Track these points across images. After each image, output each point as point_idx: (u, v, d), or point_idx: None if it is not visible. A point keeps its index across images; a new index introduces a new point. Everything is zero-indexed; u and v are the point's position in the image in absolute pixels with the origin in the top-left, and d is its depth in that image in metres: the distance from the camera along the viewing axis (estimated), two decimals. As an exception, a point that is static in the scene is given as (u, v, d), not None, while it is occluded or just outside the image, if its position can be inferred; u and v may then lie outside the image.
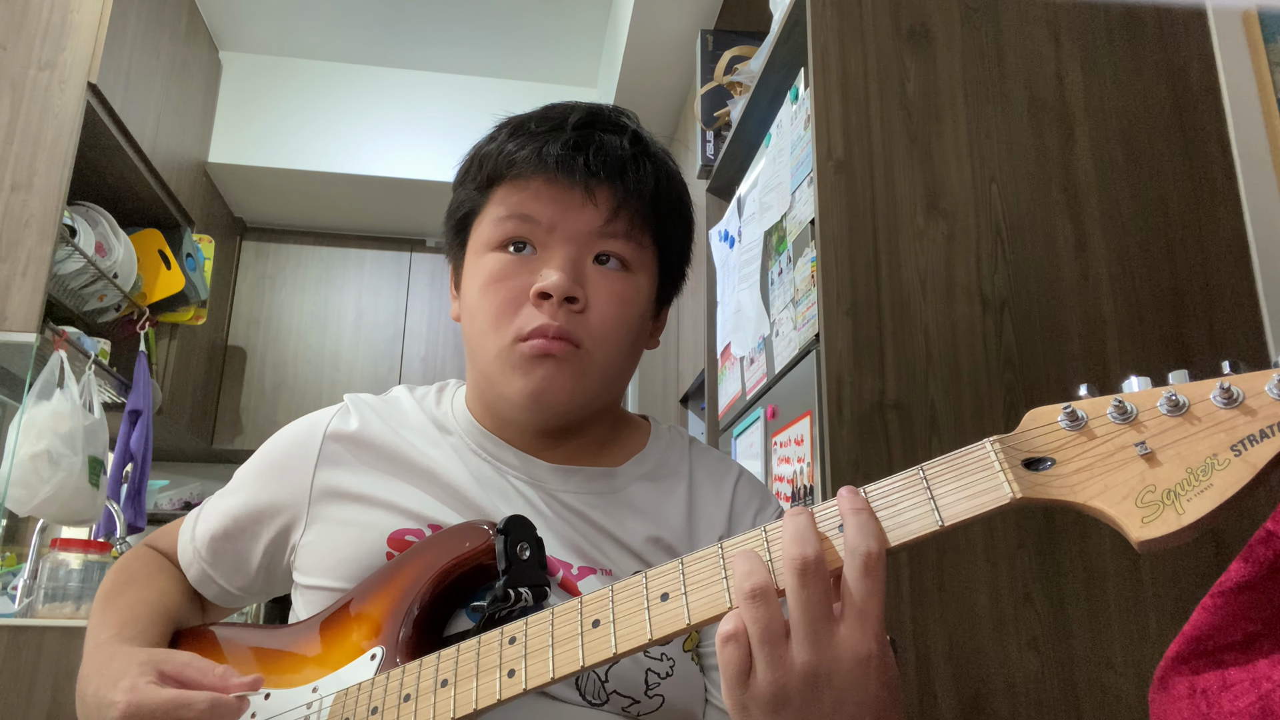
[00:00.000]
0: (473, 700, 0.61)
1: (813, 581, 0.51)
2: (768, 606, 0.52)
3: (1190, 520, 0.44)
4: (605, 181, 0.77)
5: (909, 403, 1.34)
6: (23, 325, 2.11)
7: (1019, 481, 0.49)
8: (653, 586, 0.57)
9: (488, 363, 0.79)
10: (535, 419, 0.80)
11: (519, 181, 0.78)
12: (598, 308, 0.77)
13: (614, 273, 0.78)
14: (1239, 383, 0.46)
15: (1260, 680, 0.51)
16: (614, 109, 0.83)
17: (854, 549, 0.51)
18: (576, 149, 0.77)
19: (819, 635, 0.51)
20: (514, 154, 0.78)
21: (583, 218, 0.77)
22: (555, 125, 0.79)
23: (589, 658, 0.57)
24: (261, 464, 0.87)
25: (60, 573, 1.90)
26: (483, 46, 3.44)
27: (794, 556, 0.51)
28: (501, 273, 0.78)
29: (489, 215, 0.80)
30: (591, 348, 0.77)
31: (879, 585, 0.51)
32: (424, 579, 0.71)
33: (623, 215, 0.78)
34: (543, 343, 0.75)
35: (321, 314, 3.74)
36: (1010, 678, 1.25)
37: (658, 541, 0.79)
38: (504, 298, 0.77)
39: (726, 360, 1.98)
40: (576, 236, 0.77)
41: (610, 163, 0.77)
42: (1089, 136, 1.49)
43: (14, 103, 2.26)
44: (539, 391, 0.76)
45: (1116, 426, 0.49)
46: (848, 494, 0.53)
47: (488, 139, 0.83)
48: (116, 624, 0.79)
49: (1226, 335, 1.42)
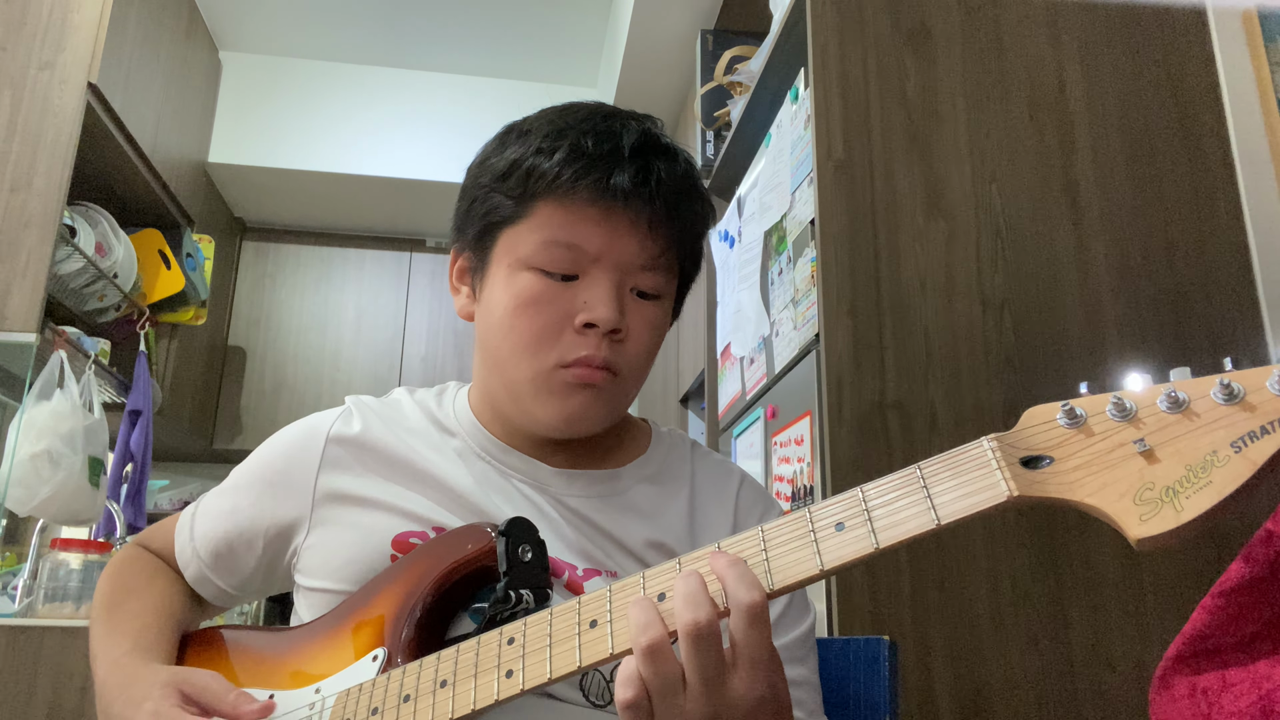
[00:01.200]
0: (471, 701, 0.61)
1: (705, 645, 0.53)
2: (664, 661, 0.53)
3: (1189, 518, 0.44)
4: (664, 219, 0.77)
5: (909, 403, 1.34)
6: (23, 325, 2.11)
7: (1016, 480, 0.49)
8: (650, 586, 0.57)
9: (518, 382, 0.78)
10: (559, 437, 0.80)
11: (571, 205, 0.75)
12: (635, 336, 0.78)
13: (648, 301, 0.79)
14: (1239, 379, 0.46)
15: (1261, 680, 0.51)
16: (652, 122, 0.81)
17: (737, 602, 0.53)
18: (642, 182, 0.75)
19: (712, 689, 0.53)
20: (573, 178, 0.74)
21: (630, 249, 0.76)
22: (613, 149, 0.75)
23: (586, 658, 0.57)
24: (263, 467, 0.86)
25: (60, 573, 1.90)
26: (483, 46, 3.44)
27: (687, 622, 0.53)
28: (543, 296, 0.76)
29: (531, 233, 0.76)
30: (627, 375, 0.78)
31: (765, 632, 0.53)
32: (426, 581, 0.71)
33: (672, 252, 0.79)
34: (586, 372, 0.75)
35: (321, 314, 3.74)
36: (1010, 677, 1.25)
37: (660, 546, 0.79)
38: (545, 323, 0.76)
39: (726, 360, 1.98)
40: (621, 266, 0.76)
41: (669, 198, 0.77)
42: (1089, 136, 1.49)
43: (14, 103, 2.26)
44: (575, 418, 0.77)
45: (1115, 424, 0.48)
46: (716, 554, 0.55)
47: (530, 148, 0.77)
48: (131, 636, 0.79)
49: (1226, 335, 1.42)
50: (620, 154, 0.75)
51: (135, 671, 0.75)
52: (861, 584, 1.27)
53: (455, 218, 0.85)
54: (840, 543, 0.53)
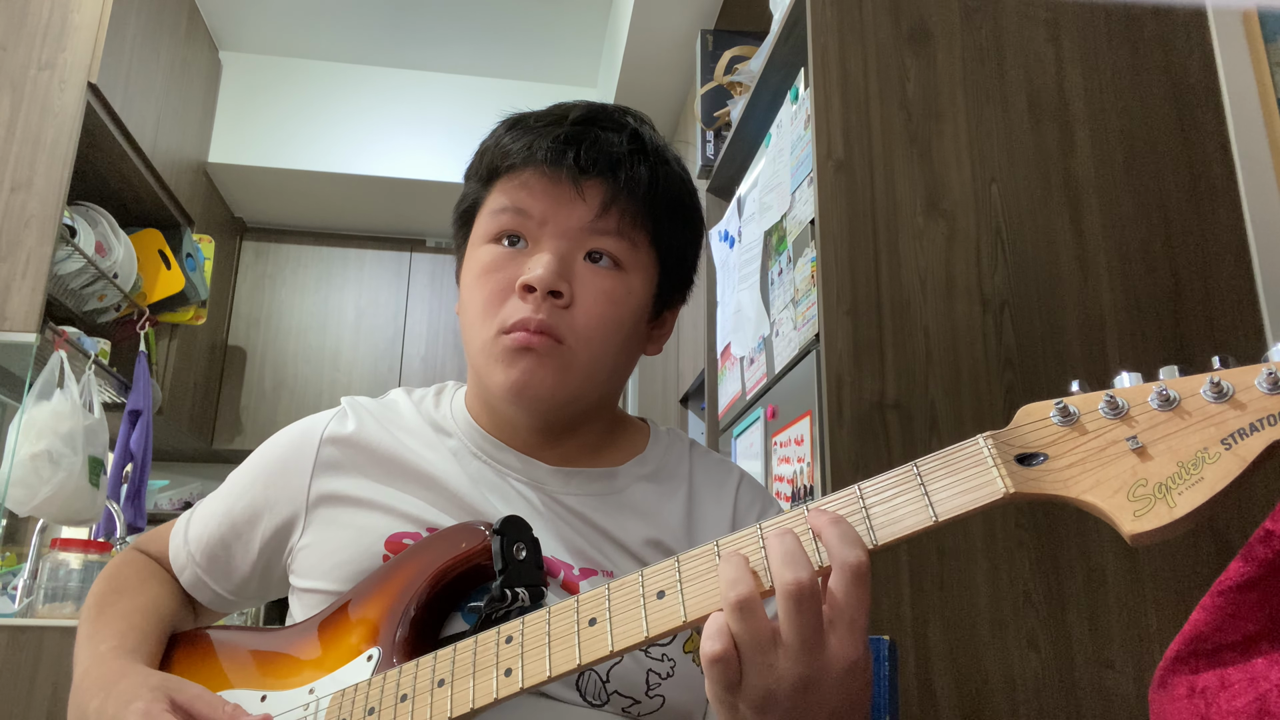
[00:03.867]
0: (469, 699, 0.61)
1: (807, 606, 0.51)
2: (754, 618, 0.52)
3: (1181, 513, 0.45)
4: (596, 177, 0.77)
5: (909, 403, 1.34)
6: (23, 325, 2.11)
7: (1012, 477, 0.50)
8: (649, 584, 0.57)
9: (475, 354, 0.79)
10: (521, 414, 0.80)
11: (514, 174, 0.79)
12: (584, 304, 0.76)
13: (604, 271, 0.78)
14: (1229, 377, 0.46)
15: (1258, 680, 0.50)
16: (621, 108, 0.83)
17: (842, 561, 0.51)
18: (568, 143, 0.77)
19: (812, 651, 0.51)
20: (509, 147, 0.79)
21: (574, 213, 0.77)
22: (553, 120, 0.79)
23: (586, 656, 0.57)
24: (257, 468, 0.86)
25: (60, 573, 1.90)
26: (483, 46, 3.44)
27: (788, 582, 0.51)
28: (493, 264, 0.78)
29: (487, 208, 0.81)
30: (575, 344, 0.76)
31: (867, 594, 0.52)
32: (420, 580, 0.71)
33: (613, 212, 0.77)
34: (524, 335, 0.75)
35: (321, 314, 3.74)
36: (1010, 677, 1.25)
37: (657, 545, 0.79)
38: (492, 289, 0.77)
39: (726, 360, 1.97)
40: (568, 232, 0.77)
41: (602, 159, 0.77)
42: (1089, 136, 1.48)
43: (14, 103, 2.26)
44: (519, 384, 0.75)
45: (1108, 421, 0.49)
46: (817, 511, 0.54)
47: (490, 134, 0.84)
48: (116, 634, 0.78)
49: (1226, 335, 1.42)
50: (560, 124, 0.78)
51: (120, 669, 0.74)
52: (861, 584, 1.27)
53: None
54: None
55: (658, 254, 0.82)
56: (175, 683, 0.72)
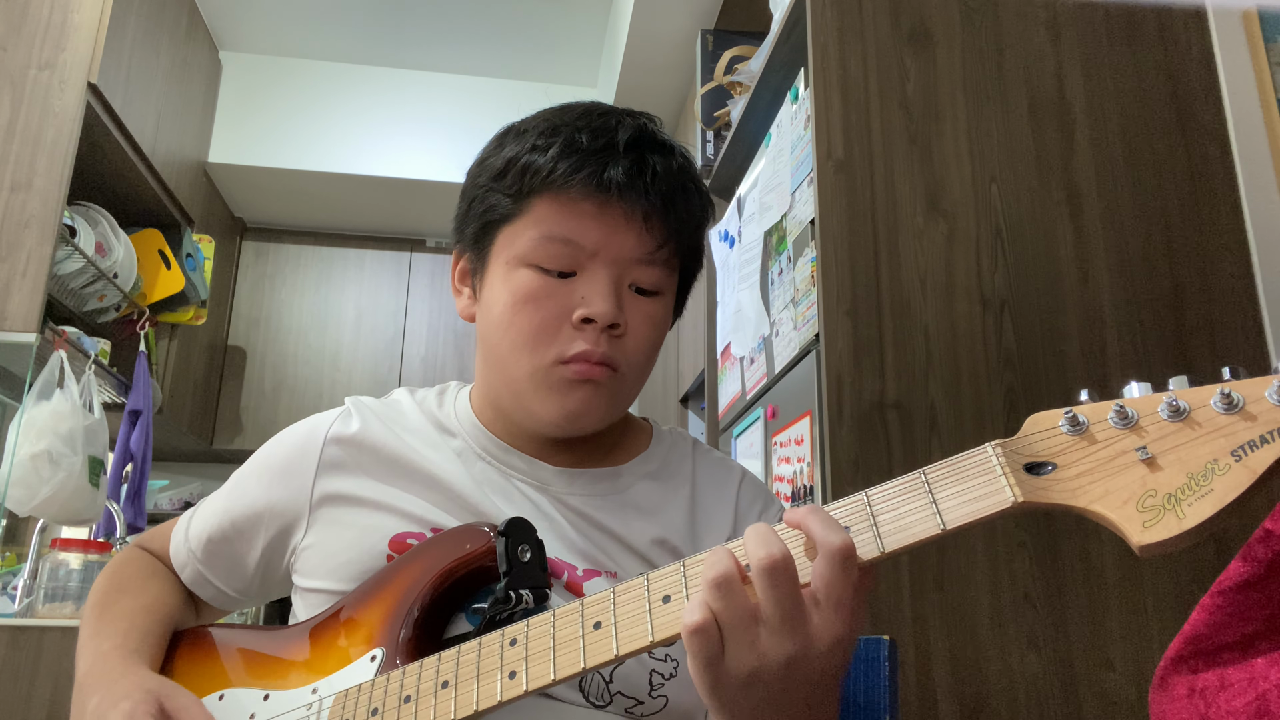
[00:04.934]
0: (473, 702, 0.61)
1: (782, 580, 0.52)
2: (734, 595, 0.53)
3: (1191, 525, 0.45)
4: (660, 212, 0.77)
5: (909, 403, 1.34)
6: (23, 325, 2.11)
7: (1020, 486, 0.49)
8: (654, 588, 0.57)
9: (518, 380, 0.78)
10: (560, 435, 0.80)
11: (566, 200, 0.75)
12: (634, 332, 0.77)
13: (648, 297, 0.79)
14: (1239, 388, 0.46)
15: (1257, 679, 0.51)
16: (651, 121, 0.81)
17: (824, 543, 0.52)
18: (637, 175, 0.75)
19: (793, 626, 0.53)
20: (567, 173, 0.75)
21: (628, 243, 0.76)
22: (608, 143, 0.76)
23: (590, 659, 0.57)
24: (261, 467, 0.86)
25: (60, 573, 1.90)
26: (483, 46, 3.44)
27: (761, 557, 0.52)
28: (540, 292, 0.76)
29: (528, 229, 0.77)
30: (627, 371, 0.78)
31: (852, 574, 0.52)
32: (424, 581, 0.71)
33: (669, 246, 0.78)
34: (585, 367, 0.75)
35: (321, 314, 3.74)
36: (1010, 678, 1.25)
37: (664, 544, 0.79)
38: (543, 318, 0.76)
39: (726, 360, 1.98)
40: (619, 261, 0.76)
41: (666, 192, 0.77)
42: (1089, 136, 1.49)
43: (14, 103, 2.26)
44: (575, 414, 0.76)
45: (1118, 431, 0.49)
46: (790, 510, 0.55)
47: (526, 146, 0.78)
48: (119, 633, 0.78)
49: (1226, 335, 1.42)
50: (615, 148, 0.76)
51: (121, 668, 0.74)
52: (861, 584, 1.27)
53: (455, 219, 0.85)
54: None
55: (680, 270, 0.84)
56: (170, 689, 0.72)
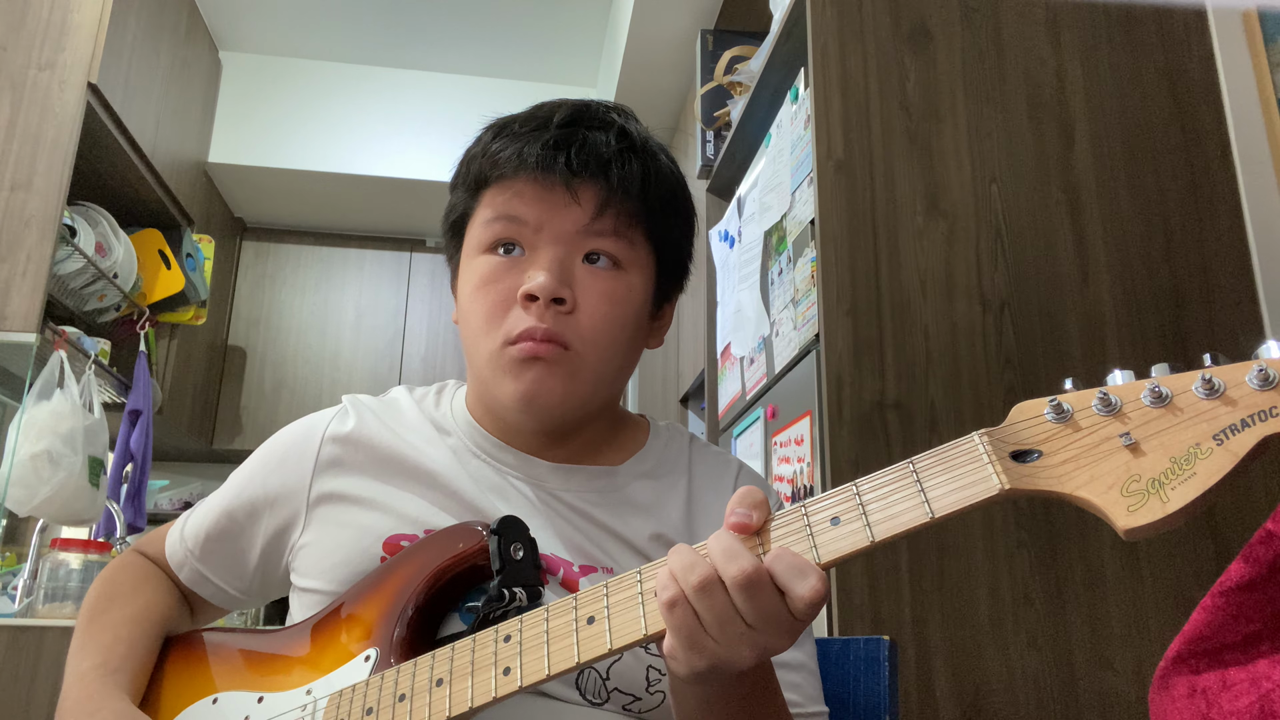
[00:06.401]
0: (468, 698, 0.60)
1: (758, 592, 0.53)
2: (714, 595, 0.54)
3: (1175, 508, 0.45)
4: (589, 179, 0.76)
5: (909, 403, 1.34)
6: (23, 325, 2.11)
7: (1007, 473, 0.50)
8: (647, 582, 0.57)
9: (481, 366, 0.78)
10: (531, 421, 0.79)
11: (504, 183, 0.78)
12: (587, 308, 0.76)
13: (604, 272, 0.77)
14: (1220, 374, 0.47)
15: (1260, 680, 0.50)
16: (604, 104, 0.82)
17: (723, 573, 0.53)
18: (558, 147, 0.76)
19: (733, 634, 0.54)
20: (497, 155, 0.78)
21: (569, 217, 0.76)
22: (539, 124, 0.78)
23: (584, 654, 0.57)
24: (258, 465, 0.86)
25: (60, 573, 1.90)
26: (483, 46, 3.44)
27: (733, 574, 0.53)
28: (491, 275, 0.77)
29: (479, 217, 0.80)
30: (582, 349, 0.76)
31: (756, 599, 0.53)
32: (418, 580, 0.71)
33: (609, 213, 0.77)
34: (530, 345, 0.74)
35: (321, 314, 3.74)
36: (1010, 678, 1.25)
37: (661, 539, 0.79)
38: (493, 300, 0.77)
39: (726, 360, 1.97)
40: (563, 236, 0.76)
41: (593, 160, 0.76)
42: (1089, 136, 1.48)
43: (14, 103, 2.26)
44: (530, 394, 0.75)
45: (1101, 418, 0.49)
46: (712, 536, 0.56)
47: (475, 141, 0.83)
48: (102, 648, 0.78)
49: (1226, 335, 1.42)
50: (546, 128, 0.78)
51: (99, 691, 0.74)
52: (861, 584, 1.27)
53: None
54: (836, 536, 0.53)
55: (654, 248, 0.82)
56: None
